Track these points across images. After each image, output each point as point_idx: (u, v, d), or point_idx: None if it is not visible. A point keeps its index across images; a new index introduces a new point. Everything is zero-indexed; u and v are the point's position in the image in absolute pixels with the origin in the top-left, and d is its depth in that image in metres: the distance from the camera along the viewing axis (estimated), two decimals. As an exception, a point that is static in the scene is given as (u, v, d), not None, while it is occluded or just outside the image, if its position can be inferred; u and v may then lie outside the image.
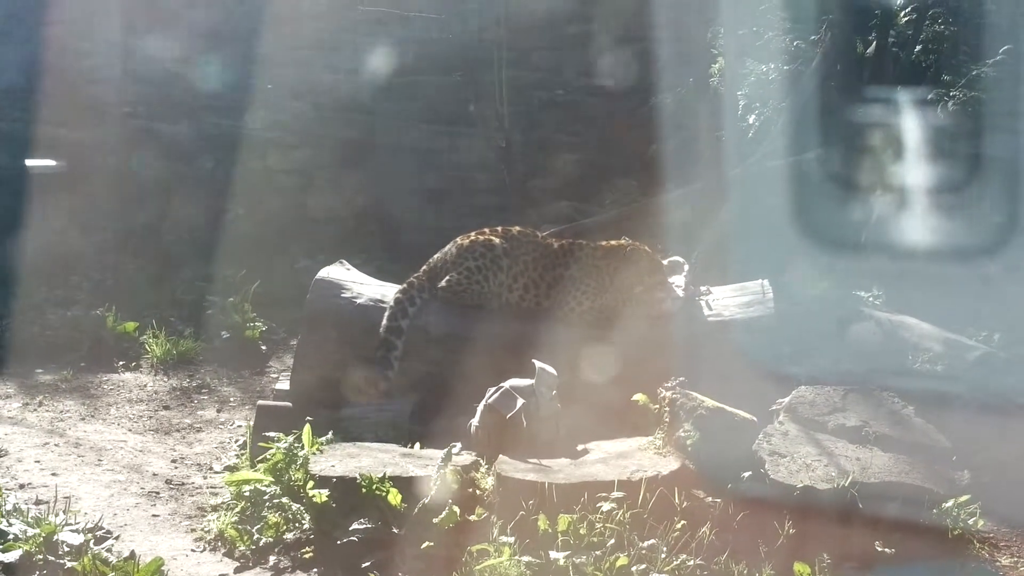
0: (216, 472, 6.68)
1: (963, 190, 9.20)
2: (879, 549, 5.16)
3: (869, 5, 10.50)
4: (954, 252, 8.93)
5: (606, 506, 5.00)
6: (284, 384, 7.29)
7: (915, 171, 9.59)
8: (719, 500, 5.21)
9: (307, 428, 5.91)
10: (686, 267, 7.37)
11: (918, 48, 10.40)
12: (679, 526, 4.99)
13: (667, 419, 5.75)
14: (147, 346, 9.11)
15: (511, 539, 4.91)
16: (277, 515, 5.47)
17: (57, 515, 5.31)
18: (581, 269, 7.11)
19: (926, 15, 10.31)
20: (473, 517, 5.21)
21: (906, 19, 10.50)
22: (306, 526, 5.40)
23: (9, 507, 5.32)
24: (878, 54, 10.60)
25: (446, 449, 5.45)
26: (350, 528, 5.17)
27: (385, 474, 5.34)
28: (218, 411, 8.08)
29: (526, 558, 4.83)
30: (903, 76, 10.28)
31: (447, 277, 7.10)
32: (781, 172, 9.90)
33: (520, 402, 5.88)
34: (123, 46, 13.31)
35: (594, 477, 5.26)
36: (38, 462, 6.63)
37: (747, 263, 8.48)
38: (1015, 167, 9.03)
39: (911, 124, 9.71)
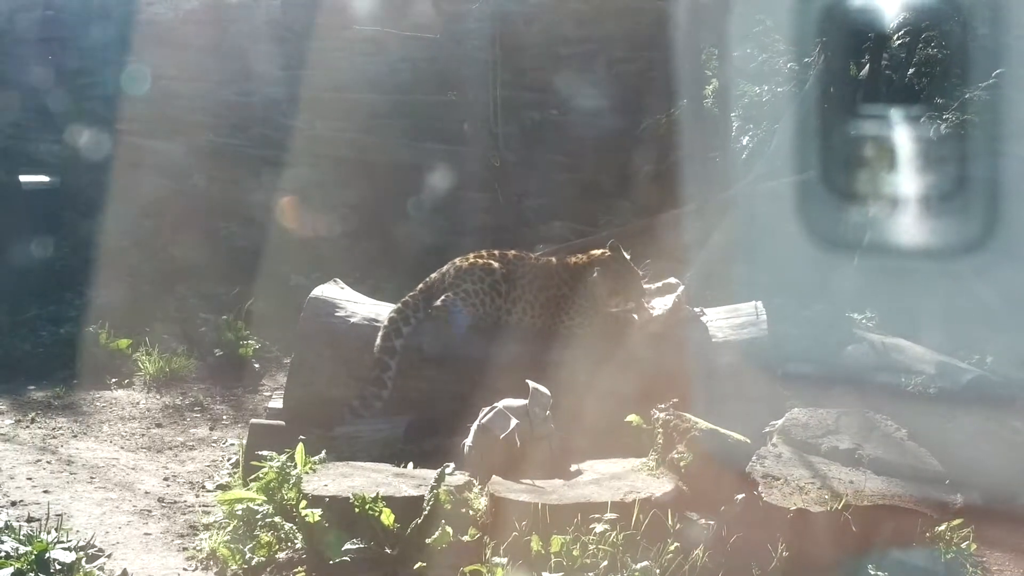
0: (208, 490, 6.66)
1: (958, 213, 9.21)
2: (872, 572, 5.16)
3: (862, 28, 10.55)
4: (948, 275, 8.95)
5: (599, 527, 4.99)
6: (277, 402, 7.27)
7: (909, 193, 9.62)
8: (712, 522, 5.21)
9: (300, 447, 5.90)
10: (680, 288, 7.36)
11: (911, 71, 10.44)
12: (672, 548, 4.98)
13: (661, 440, 5.75)
14: (140, 363, 9.10)
15: (504, 560, 4.90)
16: (269, 534, 5.45)
17: (49, 533, 5.30)
18: (569, 289, 7.14)
19: (919, 38, 10.36)
20: (466, 538, 5.19)
21: (899, 42, 10.55)
22: (299, 546, 5.39)
23: (1, 524, 5.30)
24: (871, 76, 10.65)
25: (439, 469, 5.45)
26: (343, 548, 5.15)
27: (378, 494, 5.32)
28: (211, 429, 8.07)
29: (519, 579, 4.83)
30: (896, 98, 10.32)
31: (442, 297, 7.10)
32: (775, 193, 9.92)
33: (514, 422, 5.87)
34: (119, 63, 13.34)
35: (587, 498, 5.25)
36: (30, 479, 6.61)
37: (741, 284, 8.51)
38: (1011, 191, 9.06)
39: (905, 146, 9.74)
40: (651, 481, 5.50)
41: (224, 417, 8.38)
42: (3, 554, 4.95)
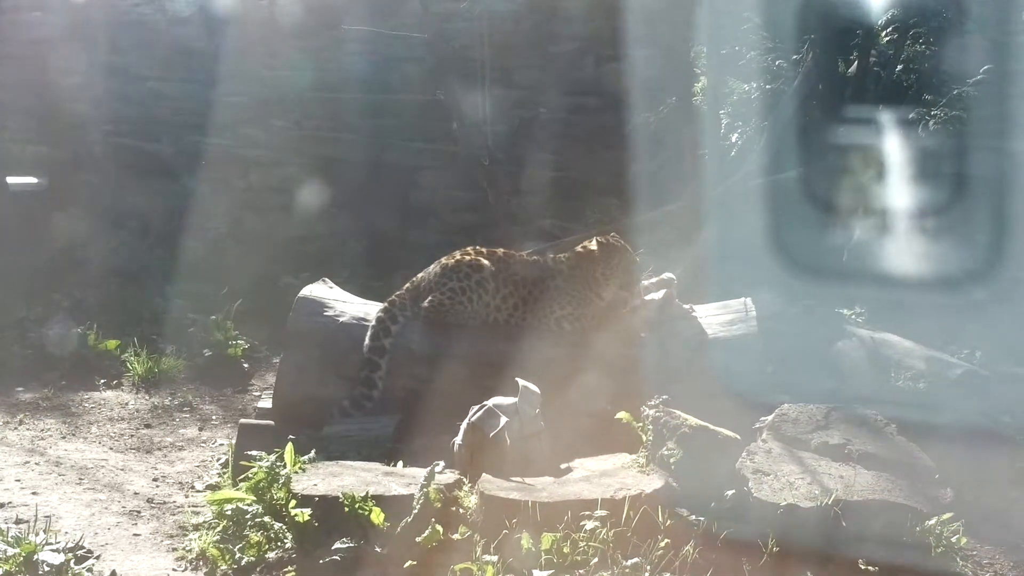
0: (198, 491, 6.64)
1: (945, 210, 9.22)
2: (862, 567, 5.16)
3: (850, 24, 10.54)
4: (936, 271, 8.96)
5: (589, 524, 4.99)
6: (266, 402, 7.26)
7: (897, 190, 9.62)
8: (703, 518, 5.20)
9: (289, 447, 5.88)
10: (674, 282, 7.34)
11: (899, 67, 10.44)
12: (663, 544, 4.98)
13: (650, 437, 5.75)
14: (128, 364, 9.08)
15: (494, 558, 4.89)
16: (259, 534, 5.43)
17: (37, 534, 5.28)
18: (563, 279, 7.13)
19: (907, 34, 10.36)
20: (456, 536, 5.18)
21: (887, 38, 10.54)
22: (288, 545, 5.37)
23: (-12, 527, 5.29)
24: (860, 73, 10.64)
25: (429, 468, 5.44)
26: (332, 547, 5.14)
27: (368, 493, 5.31)
28: (200, 429, 8.05)
29: (509, 577, 4.82)
30: (885, 95, 10.31)
31: (430, 296, 7.09)
32: (763, 191, 9.92)
33: (503, 420, 5.87)
34: (105, 64, 13.30)
35: (577, 495, 5.25)
36: (18, 481, 6.59)
37: (729, 281, 8.49)
38: (997, 187, 9.07)
39: (893, 144, 9.74)
40: (641, 478, 5.50)
41: (213, 417, 8.36)
42: (-9, 556, 4.94)
